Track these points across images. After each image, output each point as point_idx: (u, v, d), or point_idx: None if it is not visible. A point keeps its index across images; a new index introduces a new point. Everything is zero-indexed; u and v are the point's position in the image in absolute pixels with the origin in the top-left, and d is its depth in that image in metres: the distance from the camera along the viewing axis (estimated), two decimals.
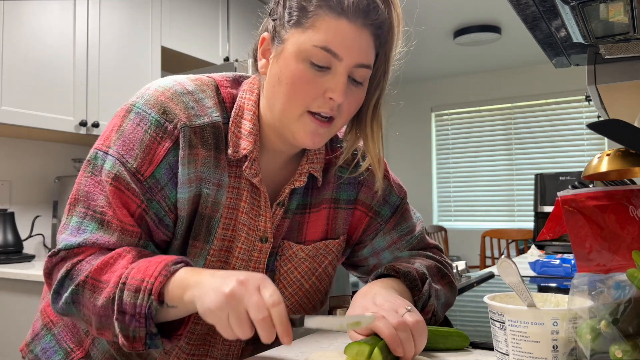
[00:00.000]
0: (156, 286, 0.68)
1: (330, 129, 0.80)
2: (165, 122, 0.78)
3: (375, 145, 0.85)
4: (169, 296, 0.69)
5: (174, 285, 0.69)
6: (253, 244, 0.85)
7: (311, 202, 0.91)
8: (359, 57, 0.76)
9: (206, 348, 0.87)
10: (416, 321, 0.70)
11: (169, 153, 0.78)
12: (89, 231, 0.76)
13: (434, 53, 4.81)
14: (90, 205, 0.77)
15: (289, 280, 0.91)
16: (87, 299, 0.72)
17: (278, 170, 0.88)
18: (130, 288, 0.69)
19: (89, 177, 0.79)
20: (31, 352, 0.91)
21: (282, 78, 0.77)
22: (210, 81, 0.85)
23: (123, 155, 0.77)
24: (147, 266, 0.70)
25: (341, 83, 0.75)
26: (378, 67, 0.81)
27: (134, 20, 2.65)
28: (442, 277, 0.93)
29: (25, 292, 1.98)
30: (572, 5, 0.77)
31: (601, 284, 0.58)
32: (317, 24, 0.74)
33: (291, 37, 0.76)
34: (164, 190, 0.78)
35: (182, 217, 0.80)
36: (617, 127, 0.68)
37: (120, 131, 0.79)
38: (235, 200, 0.83)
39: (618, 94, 1.14)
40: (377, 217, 0.96)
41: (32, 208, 2.57)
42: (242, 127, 0.82)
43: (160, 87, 0.82)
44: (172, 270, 0.69)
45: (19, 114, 2.15)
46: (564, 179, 2.77)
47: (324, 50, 0.74)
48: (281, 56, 0.77)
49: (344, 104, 0.78)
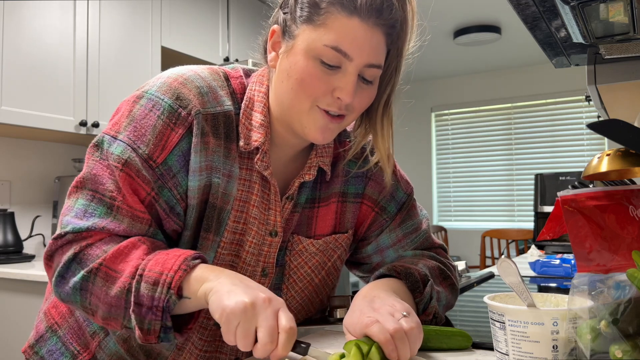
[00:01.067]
0: (176, 280, 0.67)
1: (341, 125, 0.80)
2: (179, 108, 0.77)
3: (385, 141, 0.84)
4: (187, 290, 0.68)
5: (193, 279, 0.68)
6: (263, 238, 0.85)
7: (320, 196, 0.90)
8: (370, 57, 0.75)
9: (217, 344, 0.87)
10: (411, 327, 0.69)
11: (182, 140, 0.77)
12: (96, 215, 0.74)
13: (434, 53, 4.81)
14: (98, 188, 0.75)
15: (299, 275, 0.90)
16: (99, 287, 0.71)
17: (287, 164, 0.88)
18: (148, 280, 0.68)
19: (97, 161, 0.77)
20: (36, 354, 0.89)
21: (292, 74, 0.76)
22: (221, 71, 0.84)
23: (134, 141, 0.76)
24: (166, 259, 0.70)
25: (350, 83, 0.75)
26: (390, 63, 0.80)
27: (134, 20, 2.65)
28: (444, 279, 0.92)
29: (25, 292, 1.98)
30: (572, 5, 0.77)
31: (601, 284, 0.58)
32: (329, 22, 0.73)
33: (302, 34, 0.75)
34: (176, 178, 0.77)
35: (192, 205, 0.79)
36: (617, 127, 0.68)
37: (131, 117, 0.77)
38: (247, 193, 0.83)
39: (618, 94, 1.14)
40: (383, 213, 0.96)
41: (32, 208, 2.57)
42: (252, 119, 0.82)
43: (173, 73, 0.81)
44: (192, 265, 0.69)
45: (19, 114, 2.15)
46: (564, 179, 2.77)
47: (334, 50, 0.73)
48: (291, 52, 0.77)
49: (354, 102, 0.78)
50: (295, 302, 0.92)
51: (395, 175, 0.97)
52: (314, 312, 0.97)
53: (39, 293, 1.94)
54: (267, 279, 0.88)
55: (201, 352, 0.86)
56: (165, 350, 0.84)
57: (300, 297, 0.92)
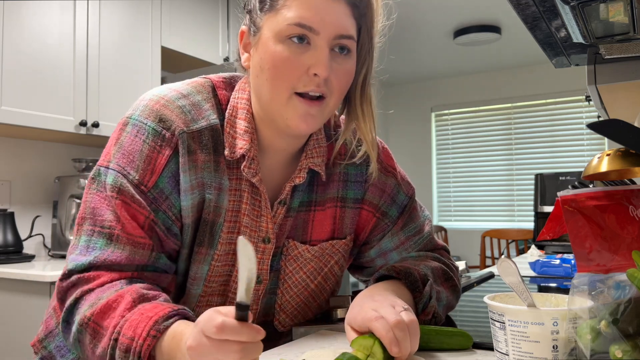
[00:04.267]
0: (144, 350, 0.64)
1: (322, 109, 0.78)
2: (163, 130, 0.77)
3: (367, 126, 0.83)
4: (162, 351, 0.65)
5: (167, 342, 0.65)
6: (256, 246, 0.85)
7: (316, 199, 0.90)
8: (337, 29, 0.74)
9: None
10: (411, 320, 0.70)
11: (170, 161, 0.77)
12: (98, 248, 0.75)
13: (434, 53, 4.81)
14: (97, 221, 0.76)
15: (294, 281, 0.90)
16: (88, 343, 0.72)
17: (280, 170, 0.87)
18: (122, 347, 0.66)
19: (94, 193, 0.78)
20: (44, 348, 0.91)
21: (264, 64, 0.76)
22: (207, 82, 0.84)
23: (124, 167, 0.76)
24: (139, 320, 0.67)
25: (323, 56, 0.74)
26: (362, 44, 0.80)
27: (134, 20, 2.65)
28: (446, 279, 0.92)
29: (25, 292, 1.98)
30: (572, 5, 0.77)
31: (601, 284, 0.58)
32: (288, 2, 0.74)
33: (266, 23, 0.76)
34: (168, 200, 0.77)
35: (187, 224, 0.79)
36: (617, 127, 0.68)
37: (119, 144, 0.78)
38: (238, 203, 0.82)
39: (618, 94, 1.14)
40: (385, 218, 0.95)
41: (32, 208, 2.57)
42: (237, 127, 0.81)
43: (154, 95, 0.81)
44: (162, 328, 0.65)
45: (19, 114, 2.15)
46: (564, 179, 2.77)
47: (299, 27, 0.73)
48: (259, 44, 0.77)
49: (333, 80, 0.76)
50: (290, 307, 0.92)
51: (396, 178, 0.96)
52: (311, 316, 0.97)
53: (39, 293, 1.94)
54: (262, 285, 0.88)
55: None
56: None
57: (296, 302, 0.92)
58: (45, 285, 1.92)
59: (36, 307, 1.94)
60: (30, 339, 1.95)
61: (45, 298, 1.93)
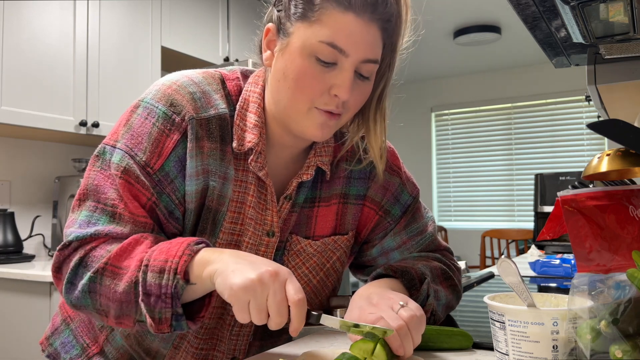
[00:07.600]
0: (181, 265, 0.68)
1: (338, 122, 0.79)
2: (173, 115, 0.77)
3: (378, 138, 0.84)
4: (192, 275, 0.69)
5: (197, 263, 0.69)
6: (260, 239, 0.85)
7: (321, 196, 0.90)
8: (366, 53, 0.75)
9: (214, 342, 0.87)
10: (410, 316, 0.70)
11: (178, 145, 0.78)
12: (100, 224, 0.75)
13: (434, 53, 4.81)
14: (100, 199, 0.76)
15: (297, 275, 0.90)
16: (107, 285, 0.71)
17: (287, 165, 0.88)
18: (154, 269, 0.68)
19: (98, 171, 0.78)
20: (51, 345, 0.92)
21: (288, 73, 0.76)
22: (217, 74, 0.85)
23: (132, 148, 0.77)
24: (169, 247, 0.70)
25: (347, 79, 0.74)
26: (384, 58, 0.79)
27: (134, 20, 2.65)
28: (445, 279, 0.92)
29: (25, 292, 1.98)
30: (572, 5, 0.77)
31: (601, 284, 0.58)
32: (323, 18, 0.73)
33: (297, 31, 0.75)
34: (173, 183, 0.78)
35: (190, 210, 0.80)
36: (617, 127, 0.68)
37: (129, 125, 0.79)
38: (243, 194, 0.83)
39: (618, 94, 1.14)
40: (387, 217, 0.95)
41: (32, 208, 2.57)
42: (247, 120, 0.82)
43: (167, 80, 0.82)
44: (195, 249, 0.70)
45: (19, 114, 2.15)
46: (564, 179, 2.77)
47: (330, 46, 0.73)
48: (286, 50, 0.76)
49: (350, 100, 0.77)
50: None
51: (401, 177, 0.96)
52: None
53: (39, 293, 1.94)
54: None
55: (197, 350, 0.86)
56: (162, 348, 0.84)
57: None
58: (46, 285, 1.92)
59: (36, 307, 1.94)
60: (30, 338, 1.95)
61: (46, 298, 1.93)
